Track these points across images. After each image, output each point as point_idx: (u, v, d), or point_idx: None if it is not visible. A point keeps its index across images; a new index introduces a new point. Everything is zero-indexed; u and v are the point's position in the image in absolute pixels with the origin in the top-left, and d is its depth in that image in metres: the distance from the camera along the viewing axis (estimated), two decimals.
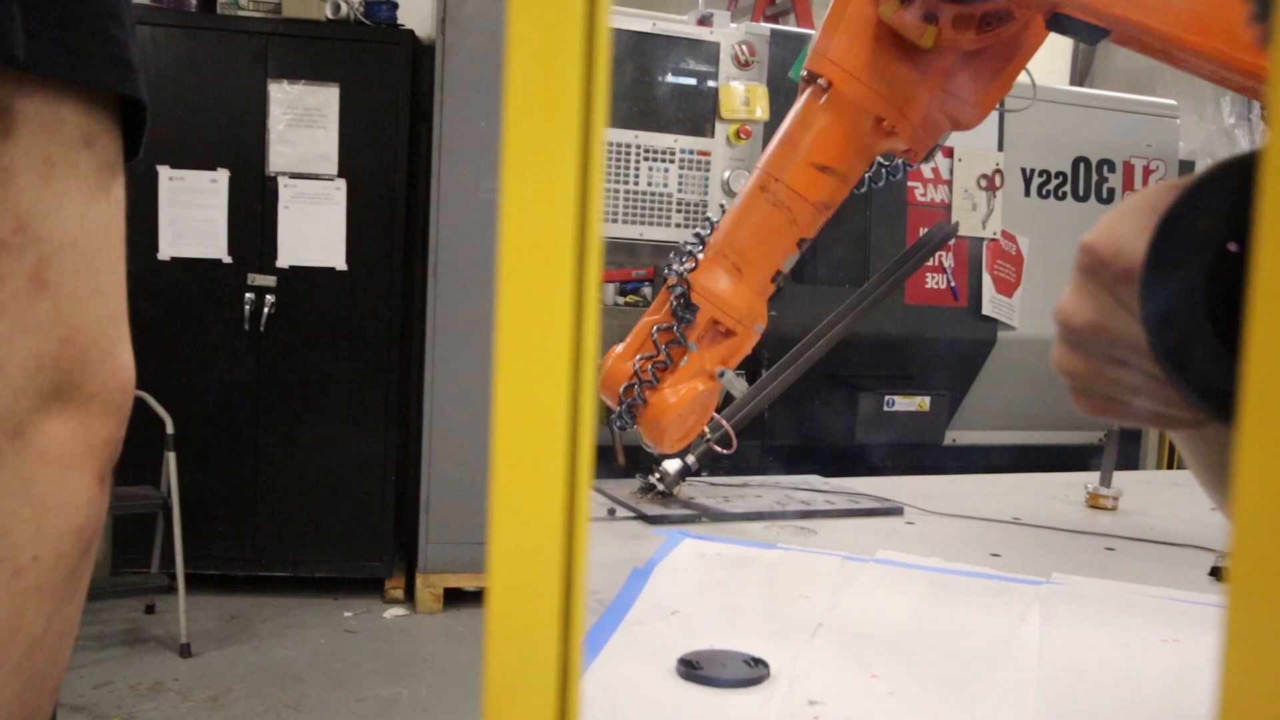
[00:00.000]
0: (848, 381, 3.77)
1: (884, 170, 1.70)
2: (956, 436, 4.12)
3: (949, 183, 3.99)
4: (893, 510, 1.81)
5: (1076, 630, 1.22)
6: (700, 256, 1.58)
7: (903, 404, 3.75)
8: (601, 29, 0.30)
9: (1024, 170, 4.20)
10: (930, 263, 3.88)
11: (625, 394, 1.61)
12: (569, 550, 0.30)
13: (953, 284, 3.96)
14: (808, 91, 1.52)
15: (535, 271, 0.30)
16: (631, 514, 1.71)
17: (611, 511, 1.71)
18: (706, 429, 1.78)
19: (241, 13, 4.29)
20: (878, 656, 1.12)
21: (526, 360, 0.30)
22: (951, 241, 3.89)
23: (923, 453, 3.80)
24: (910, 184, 3.94)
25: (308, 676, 3.77)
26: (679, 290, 1.56)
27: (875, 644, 1.15)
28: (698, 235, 1.62)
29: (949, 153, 3.98)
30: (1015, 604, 1.30)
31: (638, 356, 1.60)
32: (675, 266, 1.59)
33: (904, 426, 3.74)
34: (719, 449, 1.78)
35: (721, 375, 1.61)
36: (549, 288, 0.30)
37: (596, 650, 1.11)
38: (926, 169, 3.94)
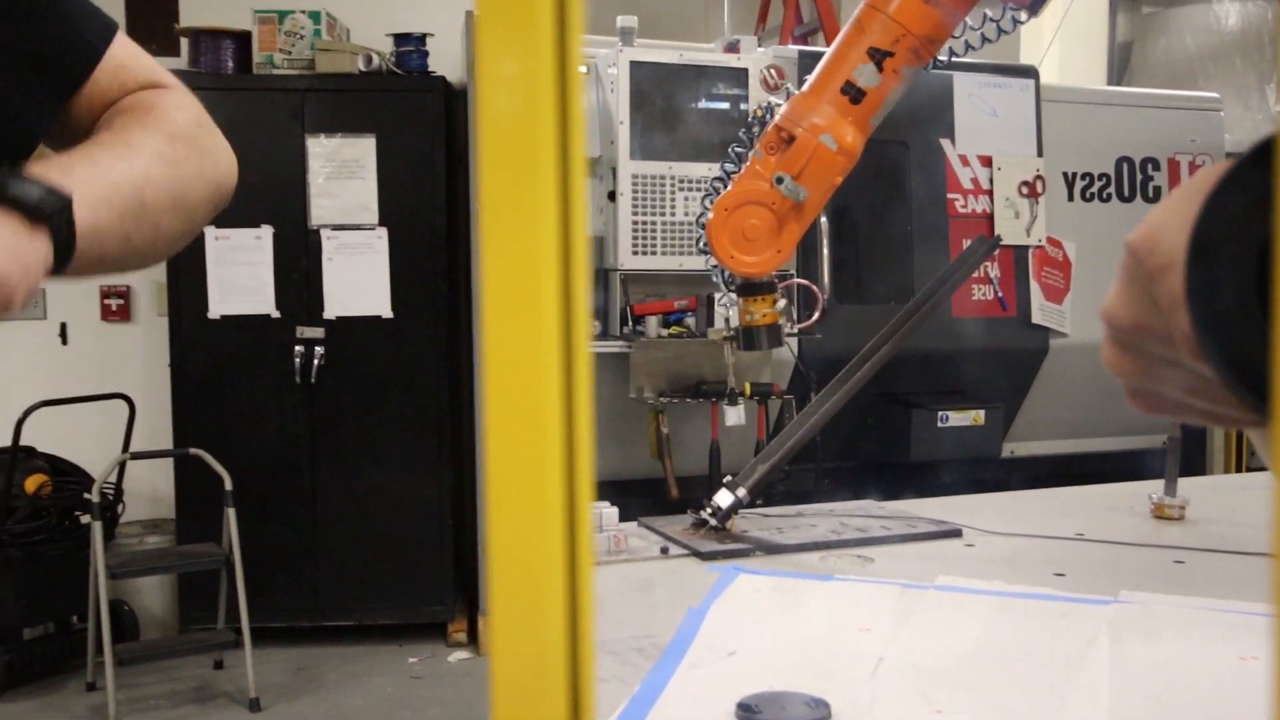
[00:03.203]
0: (899, 399, 3.72)
1: (996, 26, 1.64)
2: (1014, 449, 4.05)
3: (989, 193, 3.94)
4: (951, 532, 1.77)
5: (1148, 651, 1.19)
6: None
7: (957, 419, 3.69)
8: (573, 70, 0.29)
9: (1065, 174, 4.14)
10: (976, 274, 3.83)
11: (699, 221, 1.61)
12: (572, 603, 0.29)
13: (1000, 294, 3.91)
14: None
15: (521, 315, 0.29)
16: (685, 551, 1.69)
17: (664, 550, 1.69)
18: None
19: (277, 71, 4.36)
20: (942, 690, 1.09)
21: (517, 408, 0.29)
22: (996, 252, 3.84)
23: (980, 467, 3.74)
24: (950, 196, 3.90)
25: None
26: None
27: (939, 677, 1.12)
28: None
29: (987, 161, 3.93)
30: (1082, 626, 1.26)
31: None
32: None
33: (960, 442, 3.68)
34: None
35: (779, 181, 1.54)
36: (535, 333, 0.29)
37: (654, 696, 1.09)
38: (965, 179, 3.90)
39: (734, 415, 2.42)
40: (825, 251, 3.51)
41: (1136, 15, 7.22)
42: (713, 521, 1.76)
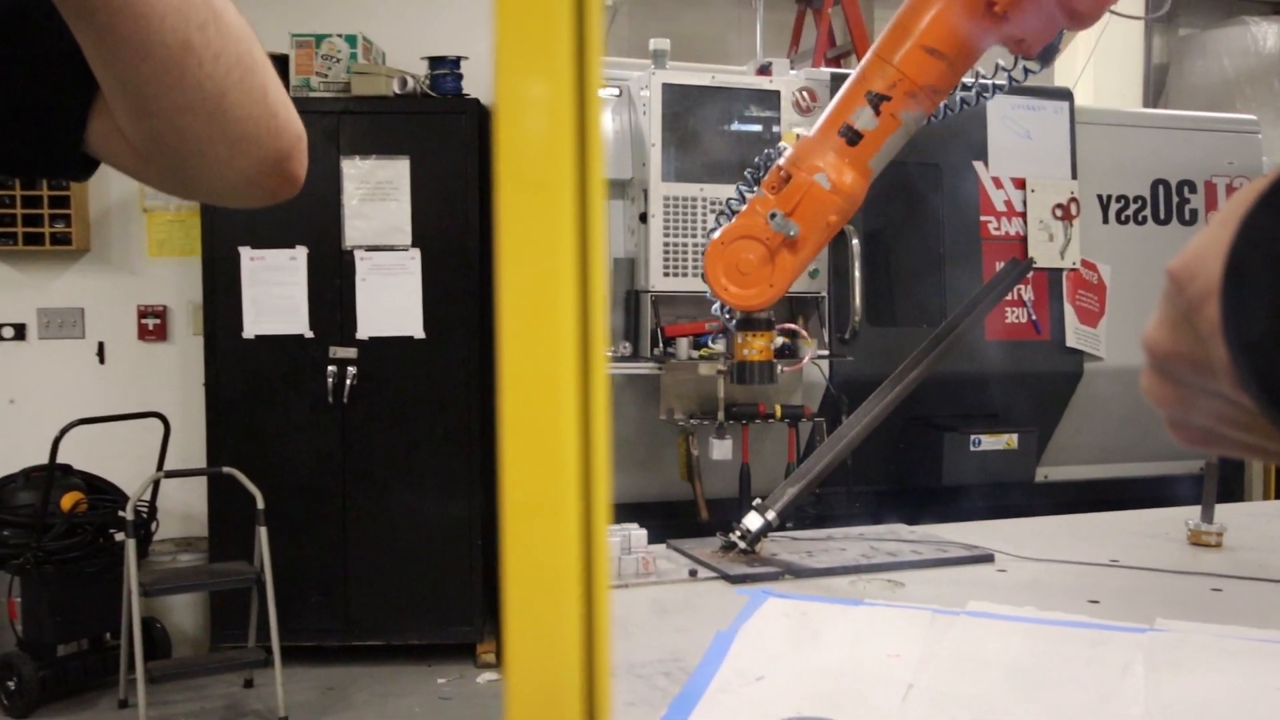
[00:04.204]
0: (931, 423, 3.69)
1: (1007, 75, 1.67)
2: (1048, 473, 4.00)
3: (1023, 215, 3.91)
4: (983, 558, 1.75)
5: (1184, 681, 1.16)
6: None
7: (990, 443, 3.65)
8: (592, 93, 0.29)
9: (1100, 196, 4.11)
10: (1009, 297, 3.80)
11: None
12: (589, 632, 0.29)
13: (1033, 317, 3.88)
14: None
15: (539, 334, 0.29)
16: (713, 574, 1.68)
17: (693, 572, 1.68)
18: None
19: (313, 94, 4.41)
20: (971, 717, 1.07)
21: (534, 430, 0.29)
22: (1029, 275, 3.81)
23: (1013, 492, 3.70)
24: (984, 218, 3.87)
25: None
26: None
27: (969, 704, 1.11)
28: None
29: (1020, 184, 3.91)
30: (1117, 654, 1.24)
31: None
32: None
33: (992, 466, 3.64)
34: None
35: (772, 217, 1.58)
36: (553, 353, 0.28)
37: None
38: (999, 201, 3.88)
39: (720, 449, 2.46)
40: (857, 274, 3.50)
41: (1173, 37, 7.17)
42: (742, 544, 1.75)
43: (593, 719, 0.29)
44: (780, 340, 1.77)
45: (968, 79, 1.70)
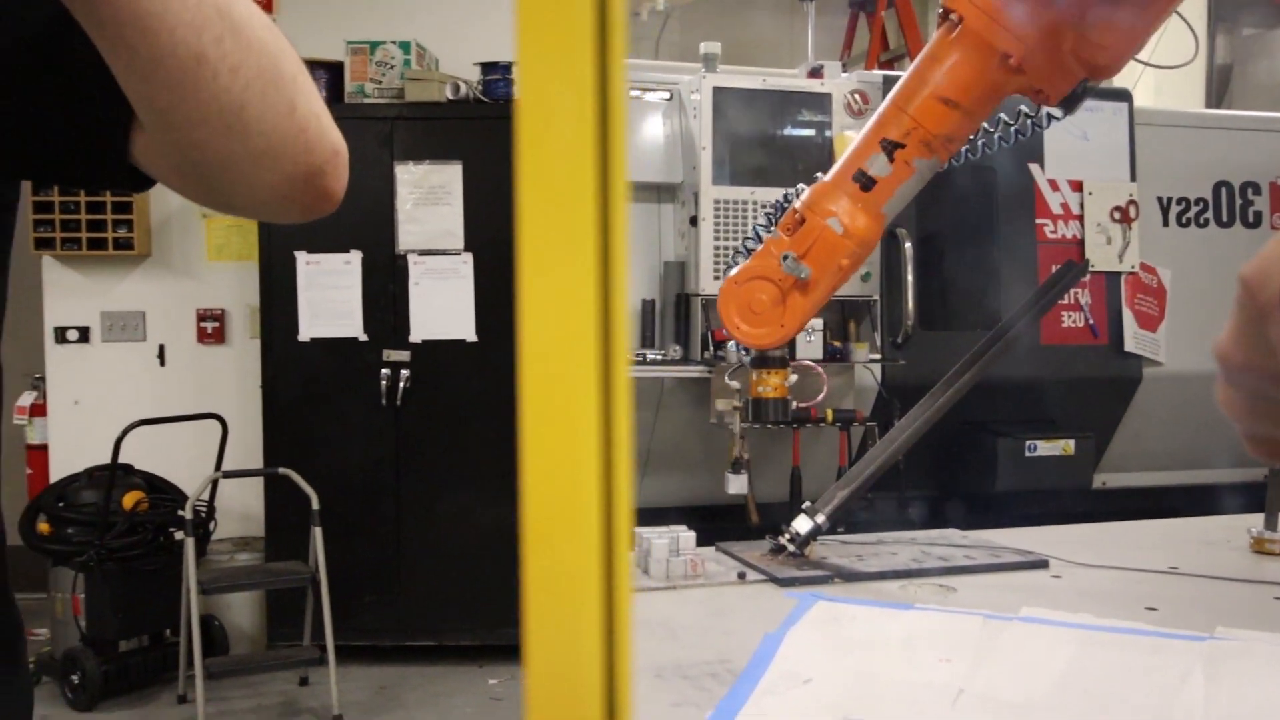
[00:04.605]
0: (986, 428, 3.65)
1: (1030, 121, 1.68)
2: (1106, 480, 3.94)
3: (1080, 218, 3.85)
4: (1037, 563, 1.73)
5: (1245, 691, 1.14)
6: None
7: (1045, 448, 3.60)
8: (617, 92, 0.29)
9: (1160, 199, 4.04)
10: (1065, 301, 3.75)
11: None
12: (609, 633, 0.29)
13: (1091, 321, 3.82)
14: (941, 27, 1.55)
15: (559, 340, 0.29)
16: (762, 577, 1.67)
17: (741, 575, 1.68)
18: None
19: (368, 100, 4.47)
20: None
21: (555, 440, 0.29)
22: (1086, 278, 3.76)
23: (1070, 499, 3.64)
24: (1040, 221, 3.82)
25: None
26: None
27: (1021, 711, 1.09)
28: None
29: (1077, 186, 3.86)
30: (1175, 663, 1.22)
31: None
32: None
33: (1048, 472, 3.59)
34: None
35: (785, 258, 1.61)
36: (574, 358, 0.28)
37: None
38: (1055, 204, 3.83)
39: (736, 484, 2.46)
40: (910, 278, 3.47)
41: (1236, 38, 7.03)
42: (791, 547, 1.74)
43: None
44: (793, 378, 1.78)
45: (988, 124, 1.71)
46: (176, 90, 0.69)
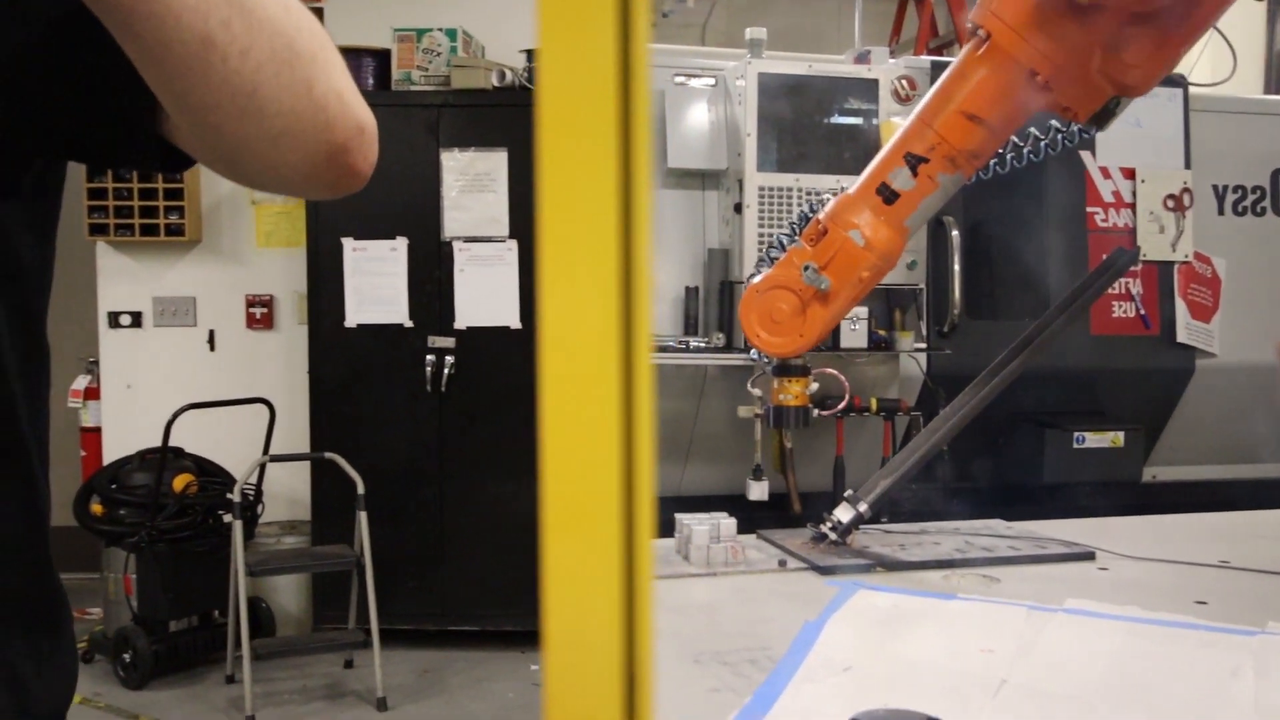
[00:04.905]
0: (1033, 419, 3.60)
1: (1060, 136, 1.67)
2: (1156, 473, 3.87)
3: (1132, 206, 3.79)
4: (1083, 555, 1.70)
5: None
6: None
7: (1094, 440, 3.55)
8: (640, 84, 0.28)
9: (1215, 187, 3.95)
10: (1116, 291, 3.68)
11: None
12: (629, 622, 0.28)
13: (1142, 311, 3.75)
14: (969, 43, 1.55)
15: (580, 329, 0.28)
16: (803, 564, 1.66)
17: (782, 563, 1.67)
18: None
19: (414, 87, 4.49)
20: (1068, 716, 1.04)
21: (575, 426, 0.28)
22: (1137, 267, 3.69)
23: (1119, 492, 3.58)
24: (1090, 209, 3.76)
25: None
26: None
27: (1065, 703, 1.08)
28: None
29: (1130, 174, 3.79)
30: (1225, 657, 1.20)
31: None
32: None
33: (1096, 464, 3.54)
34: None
35: (806, 269, 1.62)
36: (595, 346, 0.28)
37: (765, 708, 1.07)
38: (1106, 192, 3.76)
39: (757, 490, 2.48)
40: (957, 267, 3.43)
41: None
42: (833, 536, 1.73)
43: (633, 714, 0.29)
44: (814, 386, 1.78)
45: (1017, 139, 1.70)
46: (187, 76, 0.69)
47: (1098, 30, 1.46)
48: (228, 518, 4.17)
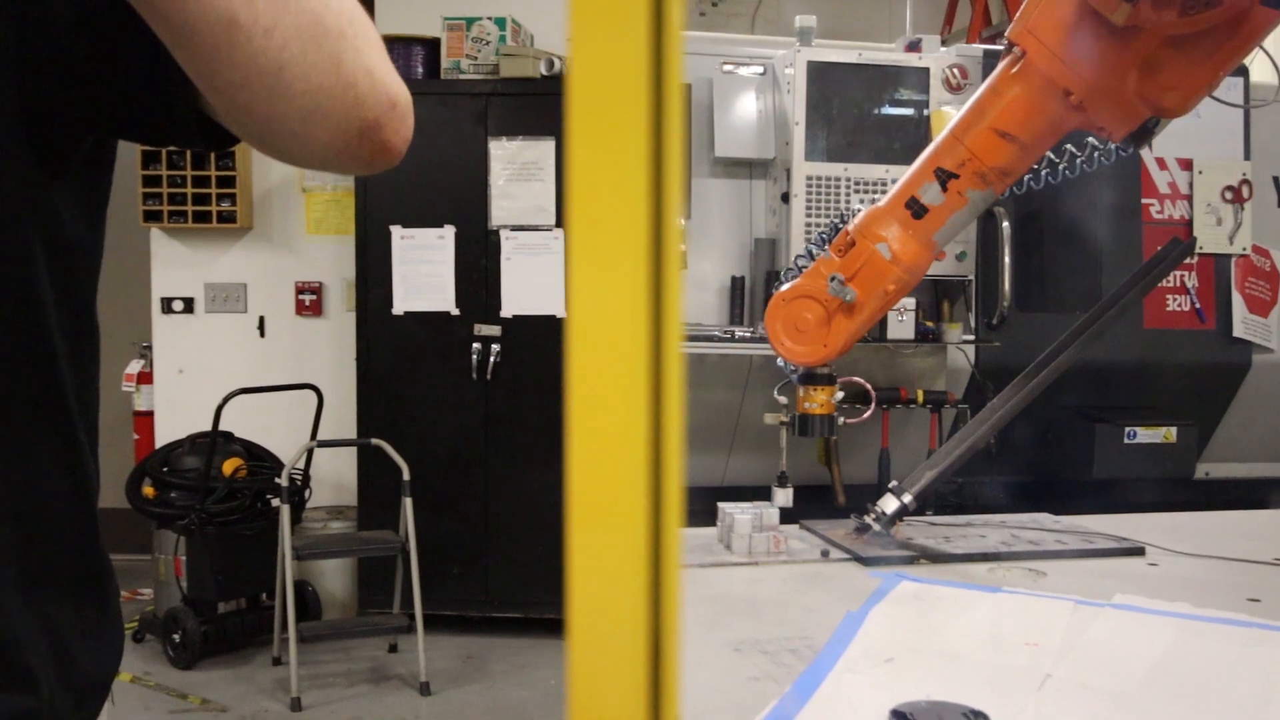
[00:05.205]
0: (1083, 413, 3.54)
1: (1097, 154, 1.65)
2: (1209, 470, 3.80)
3: (1189, 197, 3.71)
4: (1133, 550, 1.68)
5: None
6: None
7: (1145, 435, 3.48)
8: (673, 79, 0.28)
9: (1277, 179, 3.86)
10: (1171, 284, 3.62)
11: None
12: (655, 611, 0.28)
13: (1197, 305, 3.68)
14: (1005, 60, 1.54)
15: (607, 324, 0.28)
16: (845, 555, 1.65)
17: (825, 553, 1.66)
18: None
19: (463, 76, 4.51)
20: (1113, 712, 1.02)
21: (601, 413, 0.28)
22: (1192, 260, 3.62)
23: (1171, 488, 3.52)
24: (1145, 201, 3.69)
25: (539, 717, 3.84)
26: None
27: (1110, 699, 1.06)
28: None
29: (1187, 165, 3.71)
30: (1277, 655, 1.17)
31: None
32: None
33: (1148, 460, 3.47)
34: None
35: (833, 280, 1.63)
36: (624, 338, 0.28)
37: (805, 697, 1.06)
38: (1163, 183, 3.69)
39: (782, 497, 2.43)
40: (1007, 259, 3.38)
41: None
42: (876, 527, 1.72)
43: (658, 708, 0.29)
44: (839, 395, 1.77)
45: (1053, 155, 1.69)
46: (212, 55, 0.69)
47: (1135, 51, 1.45)
48: (275, 502, 4.22)
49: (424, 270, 4.51)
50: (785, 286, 1.70)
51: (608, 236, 0.28)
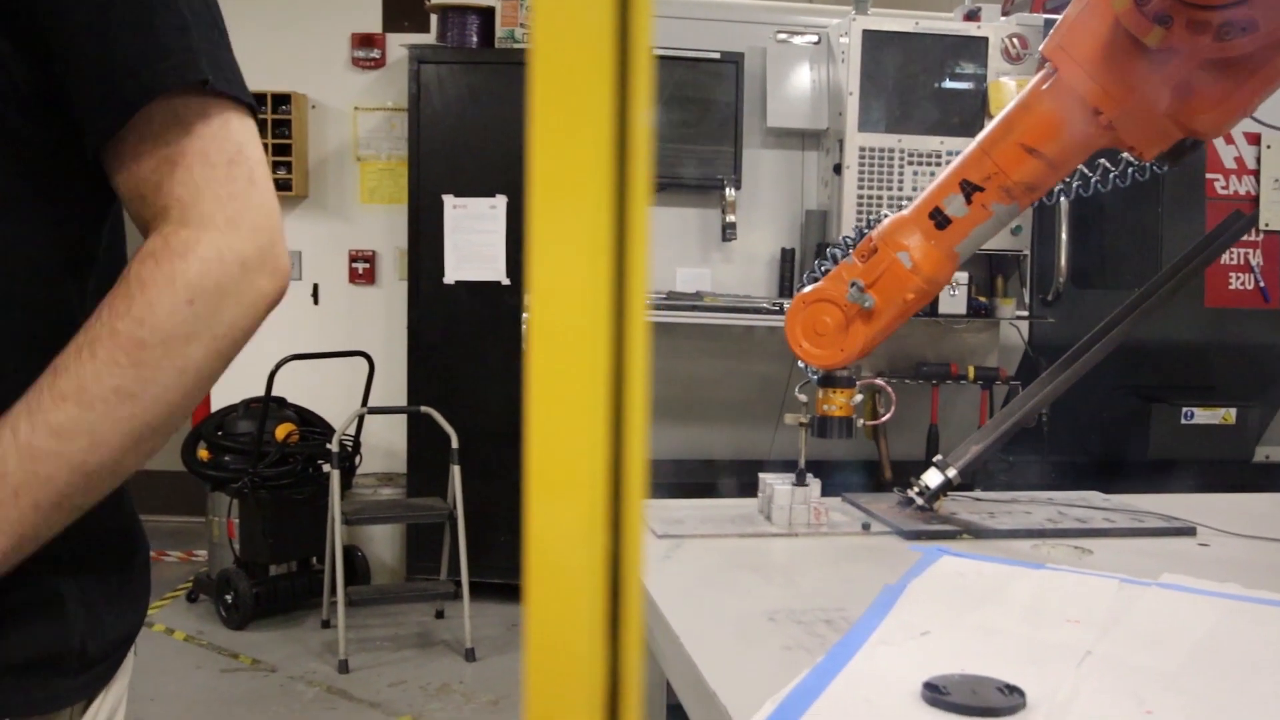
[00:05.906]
0: (1140, 392, 3.47)
1: (1131, 170, 1.64)
2: (1270, 453, 3.71)
3: (1255, 173, 3.61)
4: (1183, 530, 1.64)
5: None
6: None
7: (1203, 416, 3.41)
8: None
9: None
10: (1234, 261, 3.52)
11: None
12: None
13: (1261, 284, 3.58)
14: (1038, 74, 1.54)
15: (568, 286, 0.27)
16: (887, 529, 1.63)
17: (866, 526, 1.64)
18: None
19: (517, 45, 4.50)
20: (1155, 691, 1.00)
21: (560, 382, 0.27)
22: (1258, 236, 3.52)
23: (1228, 471, 3.44)
24: (1209, 176, 3.59)
25: None
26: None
27: (1153, 677, 1.03)
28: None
29: (1254, 139, 3.60)
30: None
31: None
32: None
33: (1205, 441, 3.40)
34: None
35: (853, 285, 1.63)
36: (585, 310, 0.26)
37: (837, 668, 1.05)
38: (1228, 158, 3.59)
39: (799, 495, 2.43)
40: (1064, 235, 3.32)
41: None
42: (919, 501, 1.70)
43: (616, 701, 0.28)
44: (859, 397, 1.76)
45: (1086, 169, 1.67)
46: (98, 487, 0.84)
47: (1168, 73, 1.42)
48: (326, 467, 4.28)
49: (475, 239, 4.53)
50: (807, 289, 1.70)
51: (570, 203, 0.27)
